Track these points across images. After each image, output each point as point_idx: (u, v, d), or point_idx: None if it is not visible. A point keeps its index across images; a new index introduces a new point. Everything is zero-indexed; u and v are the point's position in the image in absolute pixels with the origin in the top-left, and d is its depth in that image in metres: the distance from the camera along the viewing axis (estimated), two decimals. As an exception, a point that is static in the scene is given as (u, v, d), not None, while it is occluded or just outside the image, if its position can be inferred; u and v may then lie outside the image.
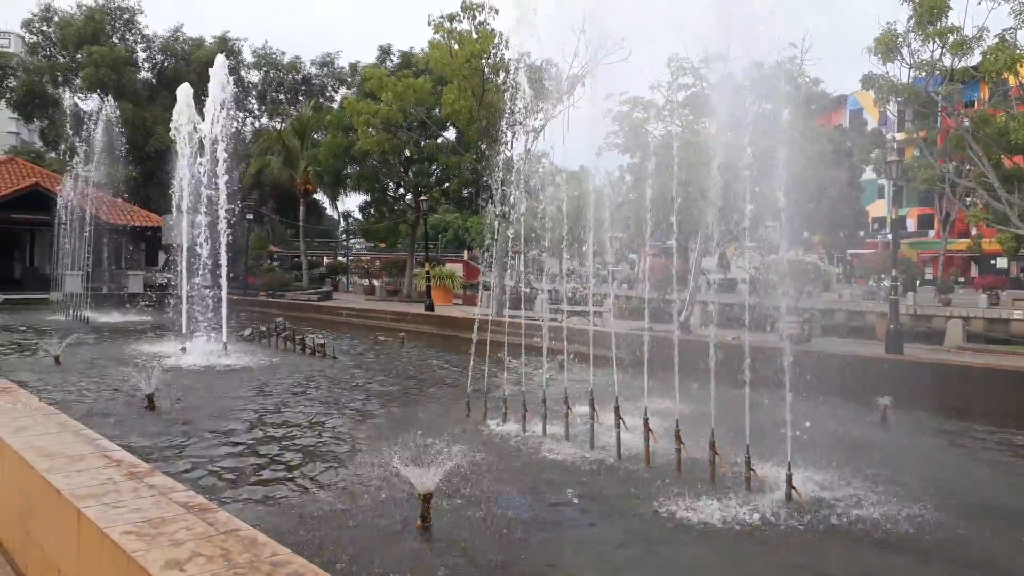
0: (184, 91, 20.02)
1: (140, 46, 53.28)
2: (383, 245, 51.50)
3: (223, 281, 17.80)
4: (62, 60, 50.49)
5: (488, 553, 6.00)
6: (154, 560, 3.02)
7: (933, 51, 20.47)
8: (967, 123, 20.93)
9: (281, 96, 57.81)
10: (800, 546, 6.44)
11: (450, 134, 34.66)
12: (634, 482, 7.85)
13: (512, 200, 12.66)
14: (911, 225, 54.98)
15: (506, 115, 20.14)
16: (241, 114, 54.83)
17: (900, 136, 35.53)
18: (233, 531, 3.38)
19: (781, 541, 6.49)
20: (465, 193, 40.03)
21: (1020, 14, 18.76)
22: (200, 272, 18.04)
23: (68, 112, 44.25)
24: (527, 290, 25.60)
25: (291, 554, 3.11)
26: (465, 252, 53.93)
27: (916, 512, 7.22)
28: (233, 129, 20.19)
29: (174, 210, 19.55)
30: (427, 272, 30.28)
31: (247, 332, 20.21)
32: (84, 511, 3.61)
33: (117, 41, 50.81)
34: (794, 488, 7.28)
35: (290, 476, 8.18)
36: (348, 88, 52.24)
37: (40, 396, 7.85)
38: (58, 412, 6.17)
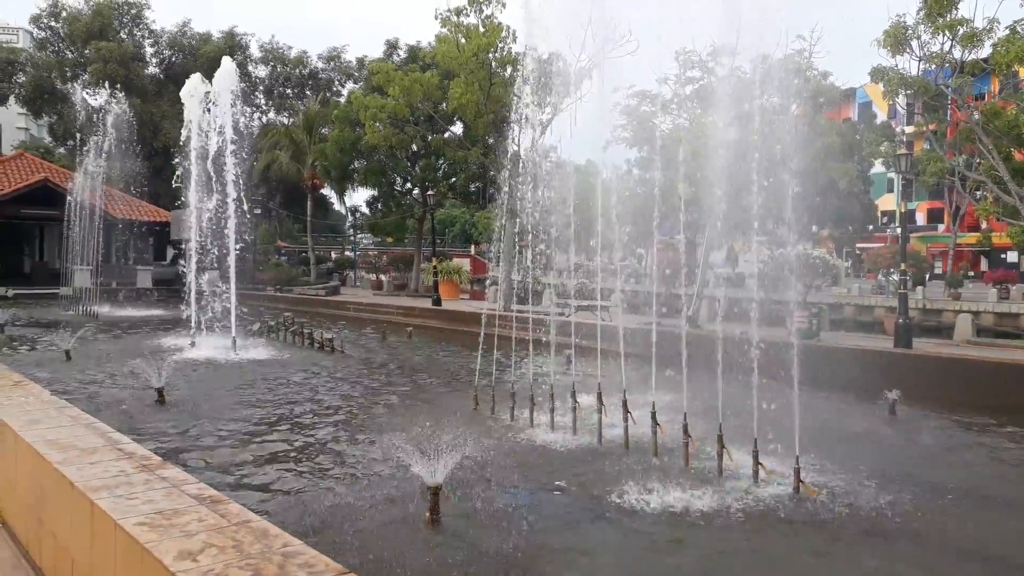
0: (192, 85, 19.93)
1: (148, 41, 53.39)
2: (390, 240, 51.45)
3: (231, 276, 17.85)
4: (70, 55, 50.61)
5: (497, 546, 6.02)
6: (167, 551, 3.05)
7: (943, 43, 20.31)
8: (977, 116, 20.76)
9: (288, 91, 57.80)
10: (807, 537, 6.44)
11: (457, 128, 34.57)
12: (642, 475, 7.85)
13: (519, 194, 12.64)
14: (920, 219, 54.74)
15: (513, 109, 20.09)
16: (248, 109, 54.88)
17: (909, 129, 35.33)
18: (245, 522, 3.41)
19: (788, 533, 6.50)
20: (472, 188, 39.95)
21: (1031, 6, 18.62)
22: (209, 267, 18.09)
23: (77, 107, 44.36)
24: (534, 285, 25.59)
25: (302, 545, 3.13)
26: (472, 247, 53.89)
27: (921, 503, 7.23)
28: (241, 125, 20.17)
29: (189, 205, 19.46)
30: (434, 267, 30.29)
31: (256, 327, 20.28)
32: (97, 502, 3.64)
33: (125, 36, 50.91)
34: (802, 481, 7.28)
35: (300, 469, 8.23)
36: (355, 82, 52.18)
37: (51, 390, 7.90)
38: (70, 405, 6.22)
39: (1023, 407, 12.00)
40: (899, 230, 21.64)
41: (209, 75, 19.39)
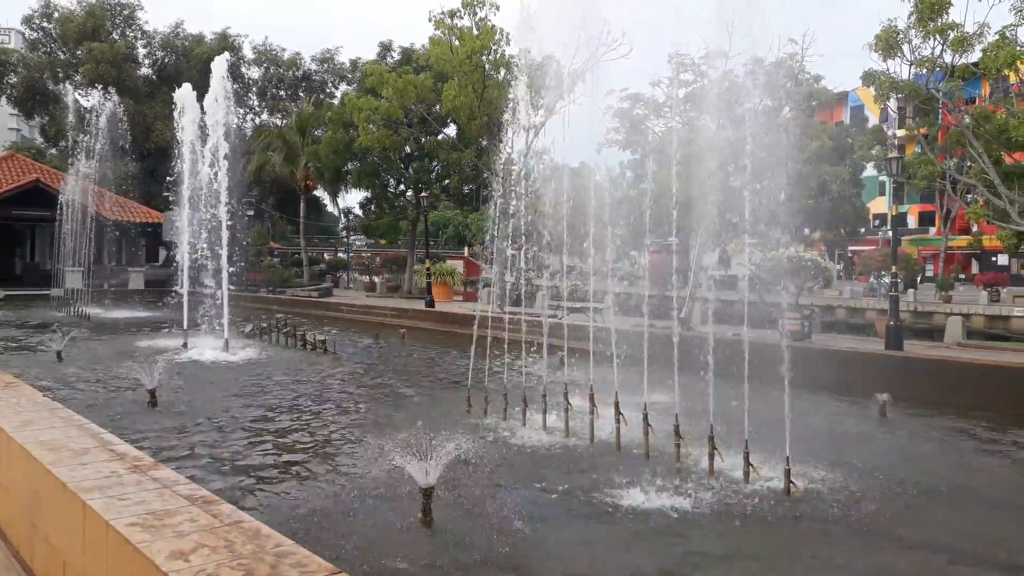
0: (185, 93, 19.90)
1: (140, 42, 53.23)
2: (384, 241, 51.39)
3: (224, 277, 17.82)
4: (62, 56, 50.44)
5: (489, 546, 6.04)
6: (159, 551, 3.06)
7: (934, 48, 20.43)
8: (967, 120, 20.88)
9: (281, 92, 57.72)
10: (799, 538, 6.48)
11: (451, 130, 34.60)
12: (633, 475, 7.88)
13: (512, 197, 12.67)
14: (912, 222, 54.95)
15: (506, 113, 20.14)
16: (241, 110, 54.77)
17: (901, 132, 35.50)
18: (237, 523, 3.42)
19: (777, 532, 6.53)
20: (466, 190, 39.98)
21: (1020, 11, 18.74)
22: (201, 268, 18.05)
23: (69, 108, 44.19)
24: (528, 287, 25.63)
25: (294, 545, 3.15)
26: (466, 249, 53.86)
27: (911, 504, 7.28)
28: (234, 126, 20.14)
29: (183, 205, 19.39)
30: (428, 269, 30.28)
31: (248, 328, 20.24)
32: (90, 503, 3.65)
33: (117, 37, 50.76)
34: (792, 481, 7.33)
35: (292, 470, 8.23)
36: (348, 84, 52.15)
37: (43, 391, 7.88)
38: (61, 406, 6.21)
39: (1012, 409, 12.08)
40: (890, 233, 21.76)
41: (202, 76, 19.36)
